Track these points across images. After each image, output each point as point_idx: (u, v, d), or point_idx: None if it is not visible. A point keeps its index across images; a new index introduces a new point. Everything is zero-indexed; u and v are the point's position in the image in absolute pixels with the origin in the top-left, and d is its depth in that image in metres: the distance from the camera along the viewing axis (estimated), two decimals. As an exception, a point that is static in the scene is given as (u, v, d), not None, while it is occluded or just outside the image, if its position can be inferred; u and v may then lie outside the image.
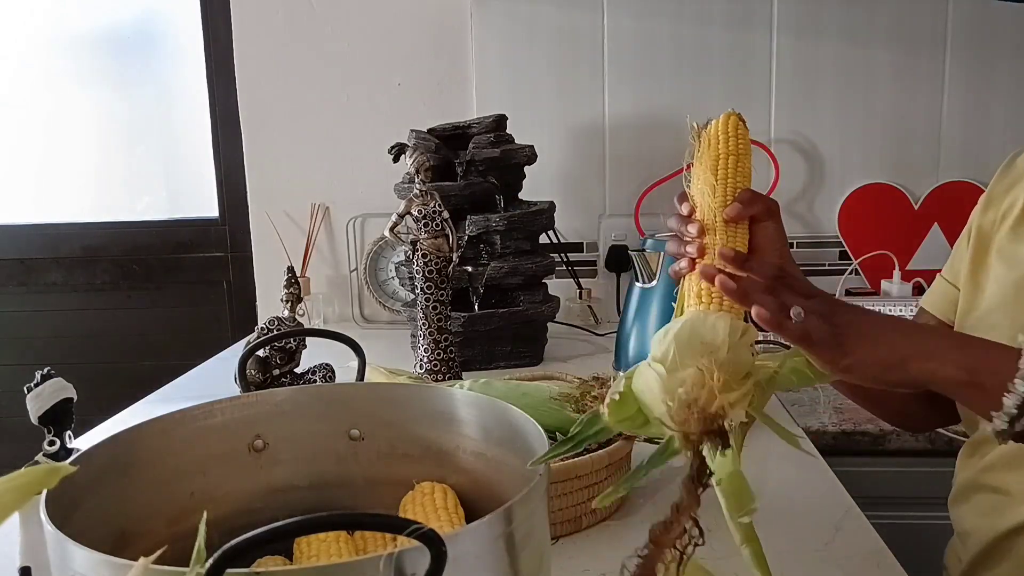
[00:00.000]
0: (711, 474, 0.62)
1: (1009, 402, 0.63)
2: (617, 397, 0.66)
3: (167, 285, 2.16)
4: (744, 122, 0.77)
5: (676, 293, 0.73)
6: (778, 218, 0.75)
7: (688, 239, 0.72)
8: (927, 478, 1.04)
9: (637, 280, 1.46)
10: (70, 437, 0.96)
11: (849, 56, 1.88)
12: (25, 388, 0.93)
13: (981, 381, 0.65)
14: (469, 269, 1.62)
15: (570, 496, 0.92)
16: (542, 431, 0.65)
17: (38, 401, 0.93)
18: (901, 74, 1.88)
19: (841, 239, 1.94)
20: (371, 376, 1.23)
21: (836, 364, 0.66)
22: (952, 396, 0.67)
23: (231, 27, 1.97)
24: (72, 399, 0.95)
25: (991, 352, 0.67)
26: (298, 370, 1.30)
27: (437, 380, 1.39)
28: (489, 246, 1.64)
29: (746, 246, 0.73)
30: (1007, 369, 0.63)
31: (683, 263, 0.71)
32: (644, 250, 1.43)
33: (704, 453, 0.61)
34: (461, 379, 1.34)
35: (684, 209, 0.73)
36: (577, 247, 1.97)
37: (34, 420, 0.94)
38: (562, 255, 1.93)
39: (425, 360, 1.43)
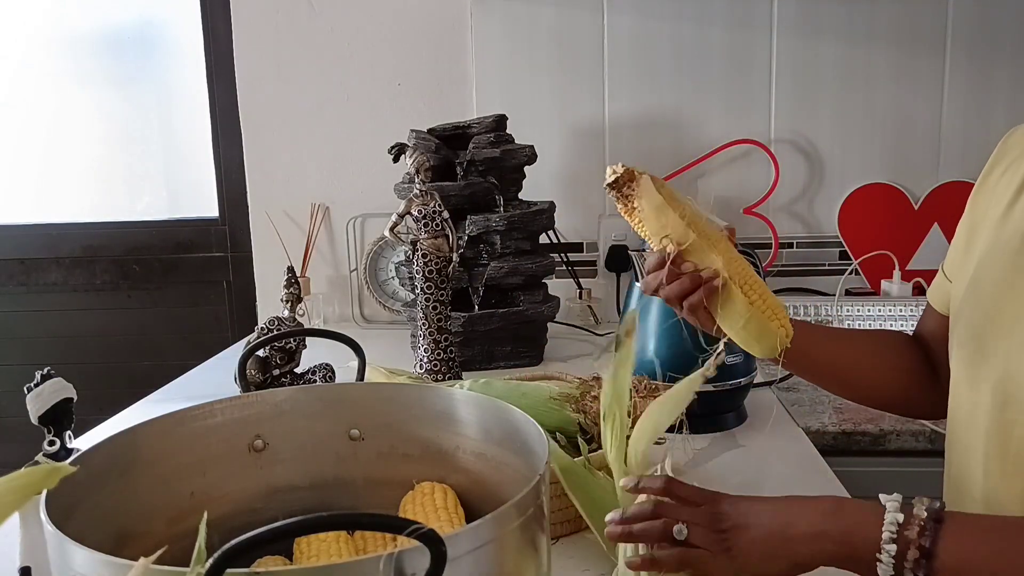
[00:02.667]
0: None
1: (882, 572, 0.65)
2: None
3: (167, 285, 2.16)
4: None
5: None
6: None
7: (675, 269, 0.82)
8: (927, 478, 1.04)
9: (637, 280, 1.46)
10: (70, 437, 0.95)
11: (849, 56, 1.88)
12: (25, 388, 0.93)
13: (859, 555, 0.67)
14: (469, 269, 1.62)
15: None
16: (542, 431, 0.65)
17: (38, 401, 0.93)
18: (901, 74, 1.88)
19: (841, 239, 1.94)
20: (371, 376, 1.22)
21: (728, 571, 0.68)
22: (840, 567, 0.69)
23: (231, 27, 1.97)
24: (72, 399, 0.95)
25: (862, 516, 0.68)
26: (298, 370, 1.30)
27: (437, 380, 1.39)
28: (489, 246, 1.64)
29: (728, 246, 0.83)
30: (876, 535, 0.65)
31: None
32: (644, 250, 1.43)
33: None
34: (461, 379, 1.34)
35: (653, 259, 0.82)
36: (577, 247, 1.97)
37: (34, 420, 0.94)
38: (562, 255, 1.93)
39: (425, 360, 1.43)
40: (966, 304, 0.90)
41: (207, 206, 2.13)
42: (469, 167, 1.65)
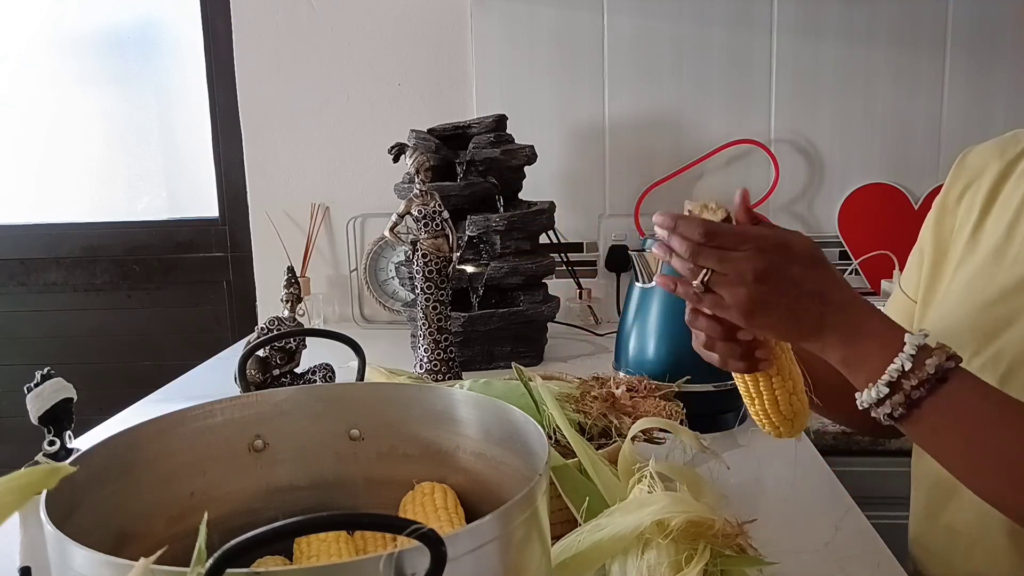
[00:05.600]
0: None
1: (864, 398, 0.70)
2: None
3: (167, 285, 2.16)
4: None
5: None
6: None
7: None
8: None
9: (637, 280, 1.46)
10: (70, 437, 0.96)
11: (849, 56, 1.88)
12: (25, 388, 0.94)
13: (863, 366, 0.70)
14: (469, 269, 1.62)
15: (570, 496, 0.92)
16: (542, 431, 0.65)
17: (38, 401, 0.93)
18: (901, 74, 1.88)
19: (841, 239, 1.94)
20: (371, 376, 1.22)
21: (745, 324, 0.71)
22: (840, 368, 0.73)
23: (231, 27, 1.97)
24: (72, 399, 0.96)
25: (880, 341, 0.70)
26: (298, 370, 1.30)
27: (437, 380, 1.39)
28: (489, 246, 1.64)
29: None
30: (886, 359, 0.69)
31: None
32: (644, 250, 1.43)
33: None
34: (461, 379, 1.34)
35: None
36: (577, 247, 1.97)
37: (34, 420, 0.94)
38: (562, 255, 1.93)
39: (425, 360, 1.43)
40: (934, 325, 0.91)
41: (207, 206, 2.13)
42: (469, 167, 1.65)
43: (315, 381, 1.28)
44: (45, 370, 0.95)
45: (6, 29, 2.13)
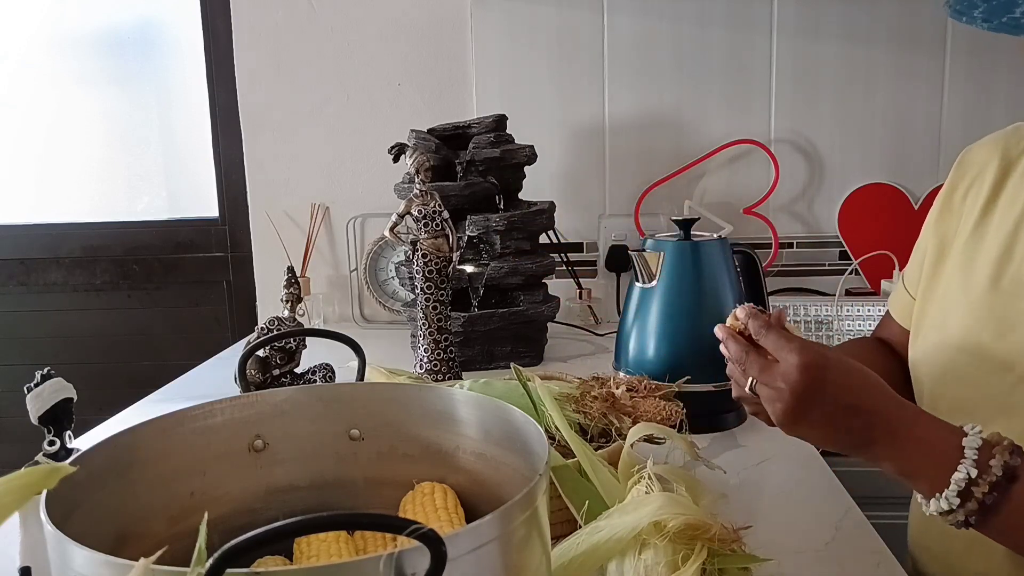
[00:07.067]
0: None
1: (951, 491, 0.68)
2: None
3: (167, 285, 2.16)
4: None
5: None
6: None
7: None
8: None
9: (637, 280, 1.46)
10: (70, 437, 0.95)
11: (849, 56, 1.88)
12: (25, 388, 0.93)
13: (923, 475, 0.70)
14: (469, 269, 1.62)
15: (570, 496, 0.92)
16: (542, 431, 0.65)
17: (38, 401, 0.93)
18: (901, 74, 1.88)
19: (841, 239, 1.94)
20: (371, 376, 1.22)
21: (787, 432, 0.76)
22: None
23: (231, 27, 1.97)
24: (72, 399, 0.95)
25: (934, 448, 0.70)
26: (298, 370, 1.30)
27: (437, 380, 1.39)
28: (489, 246, 1.64)
29: None
30: (947, 467, 0.68)
31: None
32: (644, 250, 1.43)
33: None
34: (461, 379, 1.34)
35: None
36: (577, 247, 1.97)
37: (34, 420, 0.94)
38: (562, 255, 1.93)
39: (425, 360, 1.43)
40: (935, 323, 0.91)
41: (207, 206, 2.13)
42: (469, 167, 1.65)
43: (315, 381, 1.28)
44: (45, 370, 0.94)
45: (6, 29, 2.13)
